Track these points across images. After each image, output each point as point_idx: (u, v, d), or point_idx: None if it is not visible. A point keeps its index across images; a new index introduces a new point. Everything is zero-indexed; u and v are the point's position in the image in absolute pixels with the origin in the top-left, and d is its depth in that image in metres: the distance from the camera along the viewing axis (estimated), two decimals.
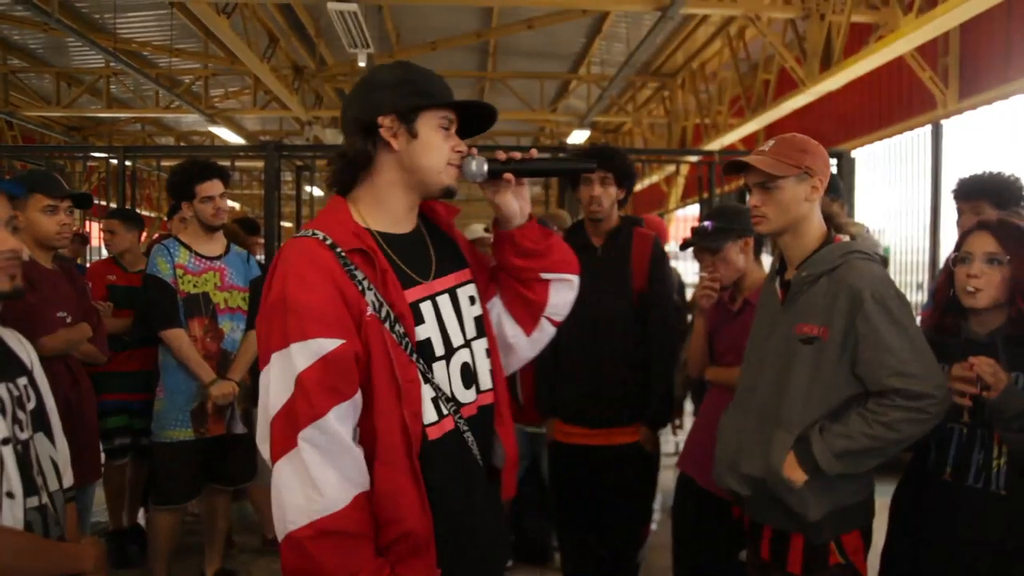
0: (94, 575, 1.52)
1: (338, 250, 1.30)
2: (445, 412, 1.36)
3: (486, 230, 4.13)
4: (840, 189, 3.43)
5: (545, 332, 1.61)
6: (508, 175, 1.45)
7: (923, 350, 1.73)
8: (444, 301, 1.42)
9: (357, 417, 1.29)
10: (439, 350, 1.38)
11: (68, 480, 1.59)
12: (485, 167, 1.43)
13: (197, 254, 3.04)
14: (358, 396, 1.28)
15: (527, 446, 3.47)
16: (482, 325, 1.49)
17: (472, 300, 1.48)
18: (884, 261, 1.90)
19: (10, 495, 1.36)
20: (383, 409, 1.28)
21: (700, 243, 2.50)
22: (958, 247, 1.91)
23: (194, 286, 2.99)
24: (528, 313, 1.56)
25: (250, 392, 3.14)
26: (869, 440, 1.71)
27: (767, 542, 1.89)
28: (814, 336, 1.77)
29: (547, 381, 2.87)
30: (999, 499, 1.77)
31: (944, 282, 1.94)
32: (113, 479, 3.67)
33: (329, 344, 1.24)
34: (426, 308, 1.39)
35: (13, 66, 9.42)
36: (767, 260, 2.55)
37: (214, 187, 3.00)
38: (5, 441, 1.38)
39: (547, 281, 1.54)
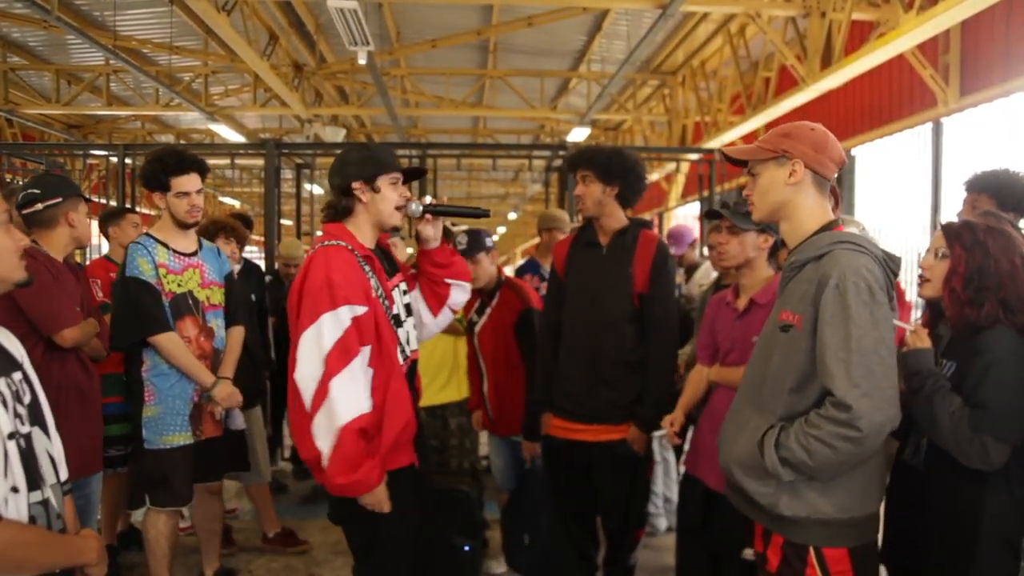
0: (96, 566, 1.53)
1: (356, 254, 2.06)
2: (403, 359, 2.13)
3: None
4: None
5: (445, 317, 2.38)
6: (428, 215, 2.22)
7: (865, 352, 1.56)
8: (397, 292, 2.20)
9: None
10: (402, 319, 2.18)
11: (64, 474, 1.59)
12: (420, 208, 2.19)
13: (175, 251, 2.86)
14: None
15: (512, 455, 3.46)
16: (410, 308, 2.26)
17: (404, 292, 2.25)
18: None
19: (15, 490, 1.37)
20: (387, 350, 2.05)
21: (729, 217, 2.43)
22: None
23: (179, 285, 2.84)
24: (436, 303, 2.35)
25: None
26: (804, 454, 1.60)
27: (759, 538, 1.87)
28: (790, 324, 1.70)
29: (545, 376, 2.88)
30: (917, 475, 1.91)
31: None
32: (113, 489, 3.48)
33: (360, 308, 1.98)
34: (395, 294, 2.19)
35: (13, 63, 9.42)
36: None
37: (190, 182, 2.80)
38: (11, 436, 1.38)
39: (449, 284, 2.34)
